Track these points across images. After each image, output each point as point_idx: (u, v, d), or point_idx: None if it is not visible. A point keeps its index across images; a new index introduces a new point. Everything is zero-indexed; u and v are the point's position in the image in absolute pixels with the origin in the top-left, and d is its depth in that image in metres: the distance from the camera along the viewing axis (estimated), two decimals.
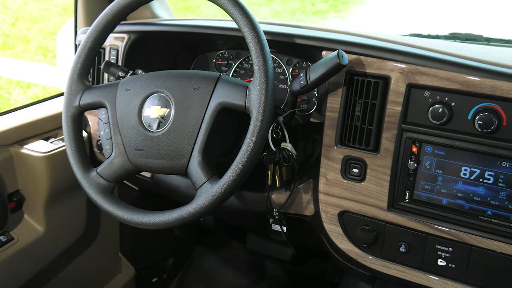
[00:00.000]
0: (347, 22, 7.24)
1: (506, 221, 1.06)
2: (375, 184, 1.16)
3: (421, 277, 1.16)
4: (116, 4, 1.19)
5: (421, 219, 1.13)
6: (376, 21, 7.02)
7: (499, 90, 1.00)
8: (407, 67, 1.09)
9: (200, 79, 1.13)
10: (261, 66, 1.03)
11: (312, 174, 1.29)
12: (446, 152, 1.09)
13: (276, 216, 1.32)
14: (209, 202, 1.05)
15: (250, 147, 1.02)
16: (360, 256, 1.22)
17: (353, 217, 1.21)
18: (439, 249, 1.12)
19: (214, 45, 1.54)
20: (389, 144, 1.13)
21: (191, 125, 1.11)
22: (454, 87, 1.04)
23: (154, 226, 1.10)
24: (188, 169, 1.11)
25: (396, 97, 1.10)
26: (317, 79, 1.11)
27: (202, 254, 2.05)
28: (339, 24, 7.21)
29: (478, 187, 1.07)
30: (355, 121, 1.16)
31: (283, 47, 1.40)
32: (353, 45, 1.15)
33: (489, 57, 1.10)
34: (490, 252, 1.07)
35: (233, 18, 1.07)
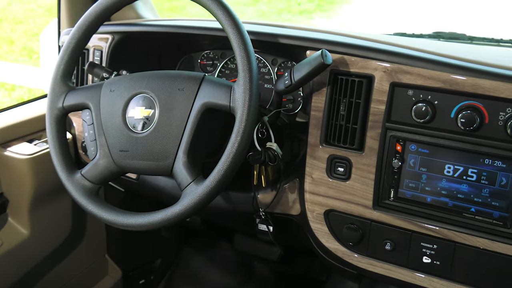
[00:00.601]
0: (333, 22, 7.26)
1: (489, 217, 1.07)
2: (360, 183, 1.17)
3: (406, 274, 1.17)
4: (99, 5, 1.18)
5: (406, 217, 1.14)
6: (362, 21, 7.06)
7: (481, 88, 1.01)
8: (390, 66, 1.09)
9: (185, 79, 1.12)
10: (245, 66, 1.03)
11: (298, 173, 1.29)
12: (430, 150, 1.10)
13: (263, 216, 1.32)
14: (194, 202, 1.04)
15: (235, 147, 1.02)
16: (346, 254, 1.23)
17: (339, 216, 1.21)
18: (424, 246, 1.13)
19: (199, 45, 1.53)
20: (373, 143, 1.14)
21: (176, 126, 1.10)
22: (437, 85, 1.05)
23: (139, 227, 1.09)
24: (173, 170, 1.11)
25: (380, 96, 1.11)
26: (301, 78, 1.11)
27: (189, 254, 2.05)
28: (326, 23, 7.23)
29: (462, 184, 1.08)
30: (340, 120, 1.16)
31: (268, 47, 1.40)
32: (337, 44, 1.15)
33: (471, 56, 1.11)
34: (474, 248, 1.08)
35: (217, 19, 1.07)
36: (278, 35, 1.25)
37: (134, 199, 1.72)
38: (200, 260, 2.04)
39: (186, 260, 2.03)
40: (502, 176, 1.04)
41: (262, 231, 1.35)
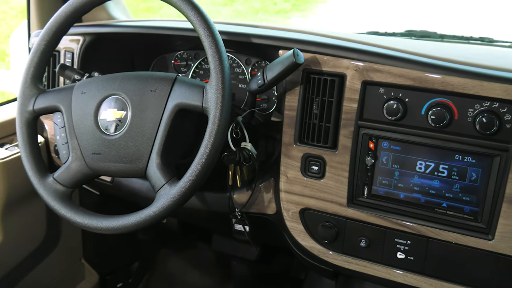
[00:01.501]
0: (309, 21, 7.30)
1: (460, 212, 1.09)
2: (334, 181, 1.18)
3: (382, 270, 1.18)
4: (68, 6, 1.16)
5: (379, 214, 1.15)
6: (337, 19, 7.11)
7: (450, 85, 1.03)
8: (361, 64, 1.10)
9: (157, 80, 1.12)
10: (217, 66, 1.03)
11: (273, 172, 1.30)
12: (402, 147, 1.11)
13: (239, 216, 1.32)
14: (168, 204, 1.04)
15: (209, 147, 1.02)
16: (322, 252, 1.24)
17: (314, 214, 1.22)
18: (398, 242, 1.15)
19: (173, 46, 1.53)
20: (346, 141, 1.15)
21: (149, 127, 1.09)
22: (407, 83, 1.07)
23: (113, 230, 1.08)
24: (147, 172, 1.10)
25: (352, 94, 1.12)
26: (274, 78, 1.12)
27: (167, 256, 2.03)
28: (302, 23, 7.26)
29: (433, 180, 1.10)
30: (313, 119, 1.17)
31: (241, 47, 1.40)
32: (309, 43, 1.16)
33: (440, 53, 1.13)
34: (447, 243, 1.10)
35: (188, 19, 1.07)
36: (251, 35, 1.25)
37: (110, 202, 1.71)
38: (178, 261, 2.03)
39: (163, 262, 2.02)
40: (472, 172, 1.06)
41: (238, 231, 1.35)
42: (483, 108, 1.02)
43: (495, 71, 1.03)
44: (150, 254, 2.05)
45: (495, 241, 1.05)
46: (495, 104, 1.01)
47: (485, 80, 1.01)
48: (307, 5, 8.10)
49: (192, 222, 1.73)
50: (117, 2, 1.64)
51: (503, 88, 0.99)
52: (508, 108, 1.00)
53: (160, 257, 2.04)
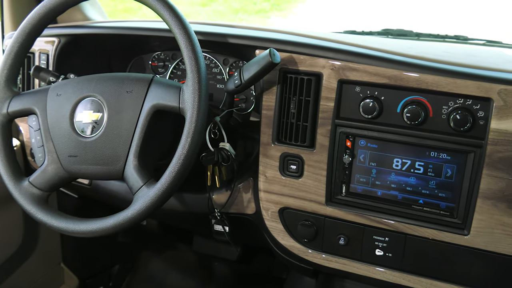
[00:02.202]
0: (289, 21, 7.32)
1: (436, 208, 1.10)
2: (312, 180, 1.18)
3: (361, 267, 1.19)
4: (42, 7, 1.15)
5: (358, 212, 1.16)
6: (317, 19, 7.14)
7: (424, 83, 1.04)
8: (337, 63, 1.11)
9: (133, 81, 1.11)
10: (193, 66, 1.03)
11: (252, 172, 1.30)
12: (379, 145, 1.12)
13: (218, 217, 1.32)
14: (146, 206, 1.03)
15: (186, 148, 1.02)
16: (302, 251, 1.24)
17: (293, 213, 1.22)
18: (376, 239, 1.16)
19: (150, 47, 1.52)
20: (324, 140, 1.15)
21: (125, 129, 1.09)
22: (383, 81, 1.08)
23: (91, 234, 1.07)
24: (124, 174, 1.09)
25: (328, 93, 1.13)
26: (250, 78, 1.12)
27: (148, 258, 2.02)
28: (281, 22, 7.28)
29: (410, 177, 1.11)
30: (291, 118, 1.17)
31: (219, 47, 1.40)
32: (285, 43, 1.16)
33: (415, 52, 1.14)
34: (424, 239, 1.11)
35: (164, 19, 1.06)
36: (227, 35, 1.24)
37: (89, 205, 1.69)
38: (159, 263, 2.01)
39: (144, 264, 2.01)
40: (447, 168, 1.08)
41: (218, 231, 1.35)
42: (456, 105, 1.04)
43: (468, 69, 1.04)
44: (130, 257, 2.03)
45: (471, 236, 1.06)
46: (469, 101, 1.03)
47: (459, 78, 1.02)
48: (286, 4, 8.12)
49: (172, 223, 1.72)
50: (92, 2, 1.63)
51: (476, 85, 1.01)
52: (481, 105, 1.02)
53: (141, 259, 2.02)
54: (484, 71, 1.04)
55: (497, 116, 1.00)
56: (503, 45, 1.60)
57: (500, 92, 0.99)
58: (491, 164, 1.02)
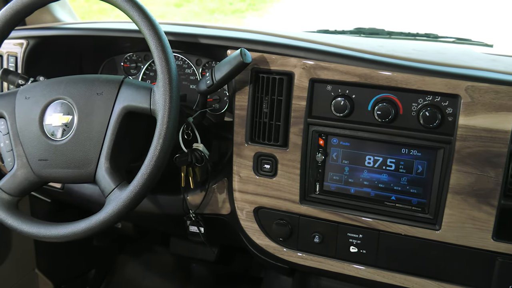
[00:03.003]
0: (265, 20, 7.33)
1: (408, 204, 1.12)
2: (286, 179, 1.19)
3: (336, 265, 1.20)
4: (8, 9, 1.13)
5: (331, 209, 1.17)
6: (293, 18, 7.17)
7: (394, 81, 1.06)
8: (309, 62, 1.12)
9: (103, 83, 1.10)
10: (163, 67, 1.02)
11: (226, 172, 1.30)
12: (351, 143, 1.13)
13: (193, 218, 1.31)
14: (118, 209, 1.02)
15: (158, 150, 1.01)
16: (277, 250, 1.24)
17: (268, 212, 1.23)
18: (350, 236, 1.17)
19: (121, 48, 1.50)
20: (297, 139, 1.16)
21: (96, 131, 1.08)
22: (353, 80, 1.09)
23: (63, 238, 1.06)
24: (96, 177, 1.08)
25: (300, 92, 1.13)
26: (222, 78, 1.12)
27: (125, 262, 2.00)
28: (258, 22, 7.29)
29: (382, 174, 1.13)
30: (264, 118, 1.18)
31: (191, 48, 1.39)
32: (256, 43, 1.16)
33: (385, 50, 1.16)
34: (397, 235, 1.13)
35: (133, 20, 1.05)
36: (198, 35, 1.24)
37: (62, 209, 1.66)
38: (136, 267, 2.00)
39: (121, 268, 1.99)
40: (418, 164, 1.09)
41: (193, 233, 1.34)
42: (426, 102, 1.05)
43: (436, 66, 1.06)
44: (106, 261, 2.01)
45: (442, 231, 1.08)
46: (437, 98, 1.04)
47: (427, 75, 1.04)
48: (262, 4, 8.14)
49: (147, 225, 1.71)
50: (62, 4, 1.60)
51: (444, 82, 1.03)
52: (449, 101, 1.04)
53: (117, 263, 2.00)
54: (452, 68, 1.06)
55: (465, 112, 1.02)
56: (472, 43, 1.63)
57: (468, 88, 1.01)
58: (460, 160, 1.03)
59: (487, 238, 1.05)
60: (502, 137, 1.00)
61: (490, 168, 1.02)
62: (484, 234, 1.05)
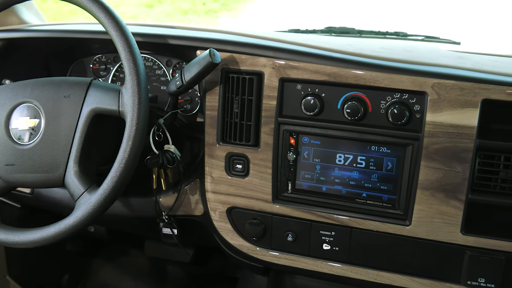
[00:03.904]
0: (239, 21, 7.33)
1: (379, 201, 1.13)
2: (258, 178, 1.19)
3: (309, 263, 1.21)
4: None
5: (304, 208, 1.17)
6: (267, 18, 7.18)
7: (362, 79, 1.07)
8: (278, 62, 1.12)
9: (71, 85, 1.08)
10: (131, 69, 1.01)
11: (198, 173, 1.29)
12: (321, 141, 1.14)
13: (166, 220, 1.30)
14: (88, 213, 1.01)
15: (127, 152, 1.00)
16: (251, 249, 1.25)
17: (241, 212, 1.23)
18: (323, 234, 1.17)
19: (90, 50, 1.48)
20: (268, 138, 1.16)
21: (64, 135, 1.06)
22: (322, 78, 1.09)
23: (32, 244, 1.04)
24: (65, 181, 1.07)
25: (270, 92, 1.13)
26: (192, 78, 1.11)
27: (99, 266, 1.97)
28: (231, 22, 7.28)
29: (353, 172, 1.14)
30: (234, 118, 1.17)
31: (161, 49, 1.38)
32: (225, 43, 1.16)
33: (353, 49, 1.17)
34: (368, 231, 1.14)
35: (99, 21, 1.04)
36: (167, 36, 1.23)
37: (33, 215, 1.63)
38: (110, 271, 1.97)
39: (95, 272, 1.96)
40: (388, 161, 1.11)
41: (166, 234, 1.34)
42: (394, 100, 1.07)
43: (403, 64, 1.08)
44: (80, 266, 1.98)
45: (412, 226, 1.10)
46: (405, 95, 1.06)
47: (395, 73, 1.05)
48: (235, 4, 8.13)
49: (120, 229, 1.69)
50: (28, 5, 1.57)
51: (411, 80, 1.04)
52: (417, 99, 1.05)
53: (91, 268, 1.98)
54: (418, 66, 1.07)
55: (432, 109, 1.03)
56: (440, 40, 1.66)
57: (434, 85, 1.03)
58: (428, 156, 1.05)
59: (455, 232, 1.07)
60: (468, 132, 1.02)
61: (457, 164, 1.04)
62: (452, 228, 1.07)
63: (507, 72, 1.06)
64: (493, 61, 1.19)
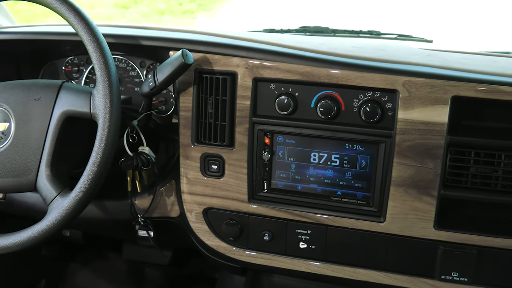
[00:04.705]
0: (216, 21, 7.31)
1: (354, 198, 1.14)
2: (234, 178, 1.19)
3: (286, 262, 1.21)
4: None
5: (280, 207, 1.18)
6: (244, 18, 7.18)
7: (335, 78, 1.08)
8: (251, 62, 1.12)
9: (41, 88, 1.07)
10: (102, 70, 1.00)
11: (173, 175, 1.29)
12: (296, 140, 1.15)
13: (142, 222, 1.30)
14: (61, 217, 1.00)
15: (100, 155, 0.99)
16: (228, 250, 1.24)
17: (218, 213, 1.23)
18: (299, 233, 1.18)
19: (62, 52, 1.46)
20: (243, 138, 1.16)
21: (35, 138, 1.05)
22: (296, 78, 1.10)
23: (4, 249, 1.03)
24: (37, 185, 1.05)
25: (244, 92, 1.14)
26: (164, 79, 1.10)
27: (76, 271, 1.95)
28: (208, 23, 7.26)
29: (327, 170, 1.14)
30: (209, 119, 1.17)
31: (134, 50, 1.37)
32: (198, 43, 1.16)
33: (326, 48, 1.17)
34: (344, 229, 1.15)
35: (69, 23, 1.03)
36: (140, 37, 1.22)
37: (5, 220, 1.60)
38: (88, 275, 1.95)
39: (72, 277, 1.93)
40: (362, 159, 1.12)
41: (142, 237, 1.33)
42: (366, 98, 1.08)
43: (375, 62, 1.09)
44: (56, 271, 1.95)
45: (387, 223, 1.11)
46: (377, 93, 1.07)
47: (366, 72, 1.06)
48: (212, 4, 8.10)
49: (96, 232, 1.67)
50: None
51: (383, 78, 1.05)
52: (388, 96, 1.07)
53: (68, 272, 1.95)
54: (390, 64, 1.08)
55: (403, 106, 1.05)
56: (413, 39, 1.68)
57: (405, 83, 1.04)
58: (401, 153, 1.06)
59: (429, 228, 1.09)
60: (439, 129, 1.04)
61: (429, 160, 1.05)
62: (426, 224, 1.09)
63: (476, 69, 1.08)
64: (462, 58, 1.21)
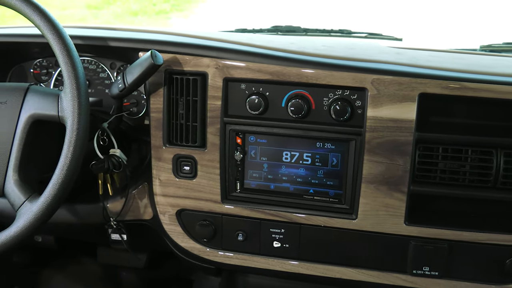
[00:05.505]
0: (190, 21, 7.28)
1: (326, 196, 1.15)
2: (207, 179, 1.18)
3: (260, 261, 1.21)
4: None
5: (253, 206, 1.18)
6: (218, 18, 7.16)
7: (304, 77, 1.08)
8: (221, 62, 1.12)
9: (7, 91, 1.05)
10: (70, 72, 0.99)
11: (146, 177, 1.28)
12: (268, 140, 1.15)
13: (114, 225, 1.28)
14: (30, 222, 0.98)
15: (68, 158, 0.98)
16: (202, 251, 1.24)
17: (191, 214, 1.22)
18: (273, 232, 1.18)
19: (30, 54, 1.43)
20: (214, 139, 1.16)
21: (2, 142, 1.03)
22: (266, 77, 1.10)
23: None
24: (4, 190, 1.03)
25: (215, 92, 1.13)
26: (134, 81, 1.10)
27: (49, 277, 1.91)
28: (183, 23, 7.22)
29: (299, 169, 1.15)
30: (180, 119, 1.17)
31: (103, 51, 1.35)
32: (168, 44, 1.15)
33: (296, 47, 1.18)
34: (317, 227, 1.16)
35: (35, 25, 1.01)
36: (108, 38, 1.21)
37: None
38: (62, 280, 1.91)
39: (46, 284, 1.90)
40: (333, 157, 1.13)
41: (115, 240, 1.31)
42: (336, 96, 1.09)
43: (344, 61, 1.10)
44: (29, 278, 1.91)
45: (358, 219, 1.12)
46: (346, 92, 1.08)
47: (336, 70, 1.07)
48: (186, 5, 8.06)
49: (68, 237, 1.65)
50: None
51: (352, 76, 1.06)
52: (358, 95, 1.08)
53: (42, 279, 1.91)
54: (359, 62, 1.10)
55: (372, 104, 1.06)
56: (383, 37, 1.70)
57: (373, 81, 1.05)
58: (371, 150, 1.08)
59: (400, 224, 1.10)
60: (408, 126, 1.05)
61: (398, 157, 1.07)
62: (397, 220, 1.10)
63: (443, 67, 1.09)
64: (430, 56, 1.23)
